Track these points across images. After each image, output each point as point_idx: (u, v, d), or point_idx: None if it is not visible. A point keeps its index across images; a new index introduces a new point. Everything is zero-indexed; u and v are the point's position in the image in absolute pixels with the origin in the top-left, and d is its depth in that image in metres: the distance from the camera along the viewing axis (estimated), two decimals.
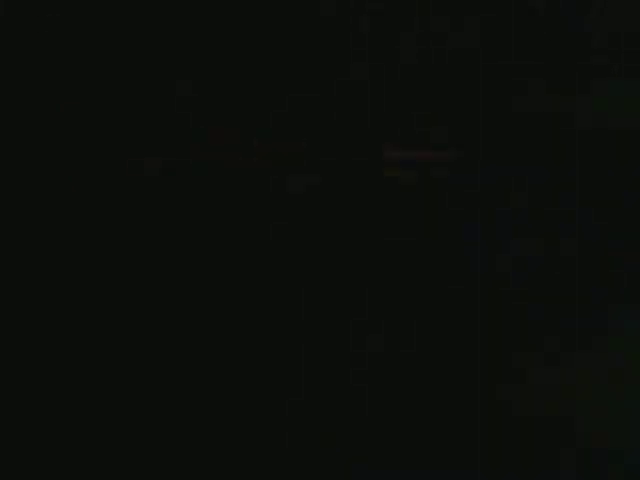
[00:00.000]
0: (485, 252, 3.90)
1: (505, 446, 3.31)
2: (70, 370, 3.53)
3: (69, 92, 3.97)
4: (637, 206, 3.95)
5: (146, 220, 3.87)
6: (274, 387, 3.52)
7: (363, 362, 3.61)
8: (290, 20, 4.01)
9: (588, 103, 4.01)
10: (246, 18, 4.02)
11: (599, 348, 3.63)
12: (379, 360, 3.62)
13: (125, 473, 3.23)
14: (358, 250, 3.90)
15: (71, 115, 3.96)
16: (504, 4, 4.00)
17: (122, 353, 3.59)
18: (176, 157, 3.96)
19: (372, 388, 3.53)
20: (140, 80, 3.99)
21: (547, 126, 4.04)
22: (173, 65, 4.00)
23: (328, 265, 3.85)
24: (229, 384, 3.53)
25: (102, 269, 3.77)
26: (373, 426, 3.39)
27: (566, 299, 3.80)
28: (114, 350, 3.60)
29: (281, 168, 3.97)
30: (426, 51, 4.02)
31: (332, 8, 4.02)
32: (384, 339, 3.68)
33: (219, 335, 3.66)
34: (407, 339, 3.69)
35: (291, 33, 4.01)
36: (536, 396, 3.48)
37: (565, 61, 4.01)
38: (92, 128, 3.97)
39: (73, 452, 3.28)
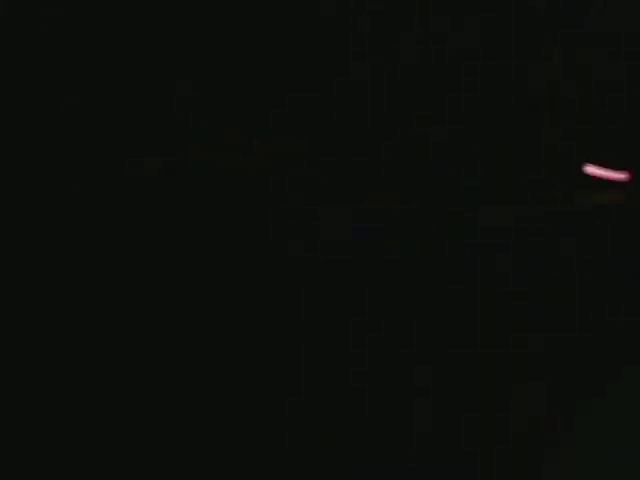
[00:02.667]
0: (485, 252, 3.89)
1: (505, 447, 3.30)
2: (70, 371, 3.53)
3: (69, 92, 3.97)
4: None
5: (146, 220, 3.87)
6: (274, 387, 3.52)
7: (363, 362, 3.61)
8: (290, 20, 4.01)
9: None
10: (246, 18, 4.01)
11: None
12: (379, 360, 3.62)
13: (125, 473, 3.23)
14: (357, 250, 3.90)
15: (71, 115, 3.96)
16: (504, 4, 4.00)
17: (122, 354, 3.59)
18: (176, 157, 3.96)
19: (372, 388, 3.53)
20: (140, 80, 3.99)
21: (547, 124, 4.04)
22: (173, 65, 4.00)
23: (327, 264, 3.85)
24: (228, 384, 3.53)
25: (102, 269, 3.77)
26: (373, 426, 3.39)
27: (566, 299, 3.80)
28: (114, 351, 3.60)
29: (281, 168, 3.97)
30: (426, 51, 4.02)
31: (332, 8, 4.02)
32: (384, 339, 3.68)
33: (219, 335, 3.66)
34: (407, 339, 3.69)
35: (291, 33, 4.01)
36: (536, 397, 3.48)
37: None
38: (92, 128, 3.96)
39: (73, 452, 3.28)
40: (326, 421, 3.39)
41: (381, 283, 3.83)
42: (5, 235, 3.79)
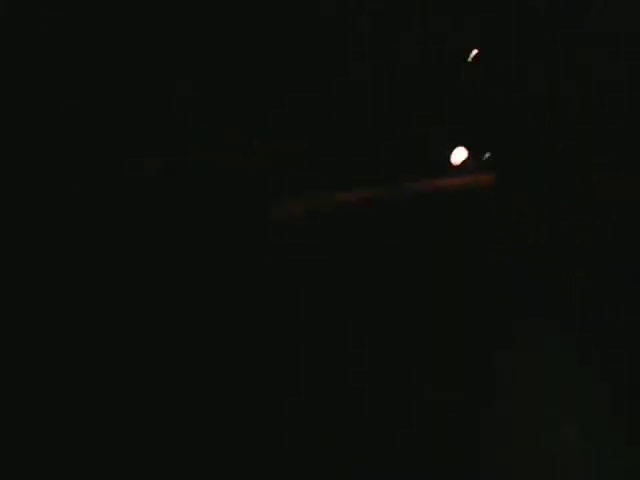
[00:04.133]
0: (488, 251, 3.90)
1: (505, 447, 3.31)
2: (70, 370, 3.54)
3: (69, 92, 3.97)
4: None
5: (146, 220, 3.87)
6: (274, 387, 3.52)
7: (363, 362, 3.62)
8: (290, 20, 4.01)
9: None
10: (246, 18, 4.02)
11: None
12: (379, 360, 3.62)
13: (125, 473, 3.23)
14: (359, 250, 3.90)
15: (71, 115, 3.96)
16: (504, 4, 4.00)
17: (122, 353, 3.60)
18: (176, 157, 3.96)
19: (372, 388, 3.53)
20: (140, 80, 3.99)
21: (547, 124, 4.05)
22: (173, 65, 4.00)
23: (327, 266, 3.85)
24: (228, 383, 3.53)
25: (102, 269, 3.78)
26: (373, 426, 3.39)
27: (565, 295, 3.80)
28: (114, 350, 3.60)
29: (281, 168, 3.97)
30: (426, 51, 4.02)
31: (332, 8, 4.02)
32: (384, 339, 3.69)
33: (219, 334, 3.67)
34: (407, 338, 3.69)
35: (291, 33, 4.01)
36: (536, 398, 3.48)
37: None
38: (92, 128, 3.97)
39: (73, 452, 3.28)
40: (326, 421, 3.40)
41: (380, 283, 3.83)
42: (5, 235, 3.79)
